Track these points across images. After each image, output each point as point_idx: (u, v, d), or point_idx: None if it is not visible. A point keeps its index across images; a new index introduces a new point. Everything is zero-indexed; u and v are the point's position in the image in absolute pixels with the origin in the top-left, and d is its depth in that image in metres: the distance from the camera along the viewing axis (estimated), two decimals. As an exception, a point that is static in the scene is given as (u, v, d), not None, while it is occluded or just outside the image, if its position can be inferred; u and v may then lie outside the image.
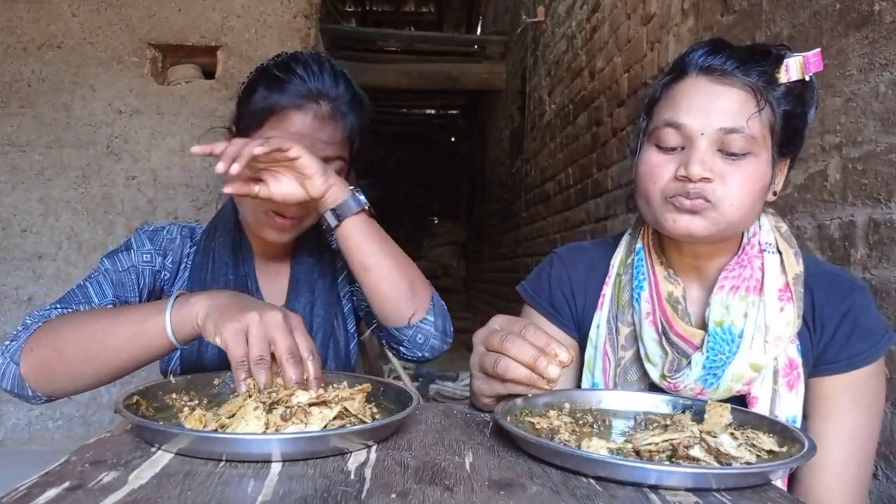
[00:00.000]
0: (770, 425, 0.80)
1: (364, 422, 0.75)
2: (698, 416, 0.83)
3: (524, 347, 0.77)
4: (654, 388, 0.98)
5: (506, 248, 6.72)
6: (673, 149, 0.93)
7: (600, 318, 1.05)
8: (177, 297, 0.91)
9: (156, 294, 1.16)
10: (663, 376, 0.95)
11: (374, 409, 0.82)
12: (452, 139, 11.85)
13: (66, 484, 0.56)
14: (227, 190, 0.95)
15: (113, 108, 3.04)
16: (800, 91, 0.92)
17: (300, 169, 0.95)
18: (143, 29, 3.03)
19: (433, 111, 10.83)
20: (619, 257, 1.08)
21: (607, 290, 1.06)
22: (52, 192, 3.02)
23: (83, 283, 1.10)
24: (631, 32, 3.09)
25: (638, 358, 1.00)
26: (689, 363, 0.94)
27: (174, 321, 0.89)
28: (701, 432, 0.77)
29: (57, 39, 3.00)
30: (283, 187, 0.96)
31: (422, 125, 11.34)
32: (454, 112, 10.65)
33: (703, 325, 0.96)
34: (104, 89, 3.03)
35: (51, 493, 0.55)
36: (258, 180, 0.96)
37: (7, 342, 0.98)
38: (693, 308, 0.99)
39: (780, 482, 0.92)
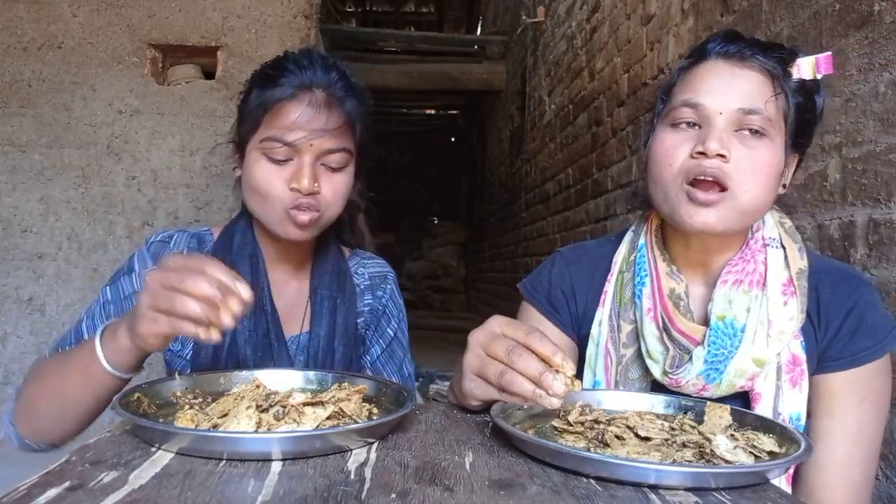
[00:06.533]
0: (769, 426, 0.80)
1: (356, 422, 0.75)
2: (699, 418, 0.84)
3: (531, 362, 0.72)
4: (656, 385, 0.98)
5: (506, 248, 6.72)
6: (690, 125, 0.92)
7: (602, 314, 1.05)
8: (102, 332, 0.86)
9: None
10: (665, 373, 0.95)
11: (375, 410, 0.83)
12: (452, 139, 11.85)
13: (66, 484, 0.56)
14: None
15: (113, 108, 3.04)
16: (811, 88, 0.93)
17: None
18: (144, 29, 3.03)
19: (433, 111, 10.82)
20: (621, 255, 1.07)
21: (609, 287, 1.06)
22: (52, 192, 3.02)
23: (80, 319, 1.08)
24: (631, 33, 3.09)
25: (639, 356, 1.00)
26: (691, 358, 0.93)
27: (113, 362, 0.84)
28: (700, 434, 0.77)
29: (57, 39, 3.00)
30: None
31: (422, 125, 11.33)
32: (454, 112, 10.64)
33: (706, 322, 0.95)
34: (104, 89, 3.03)
35: (51, 493, 0.54)
36: None
37: (6, 403, 0.98)
38: (695, 305, 0.99)
39: (783, 481, 0.92)
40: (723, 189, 0.89)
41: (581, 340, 1.09)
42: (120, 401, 0.74)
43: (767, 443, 0.75)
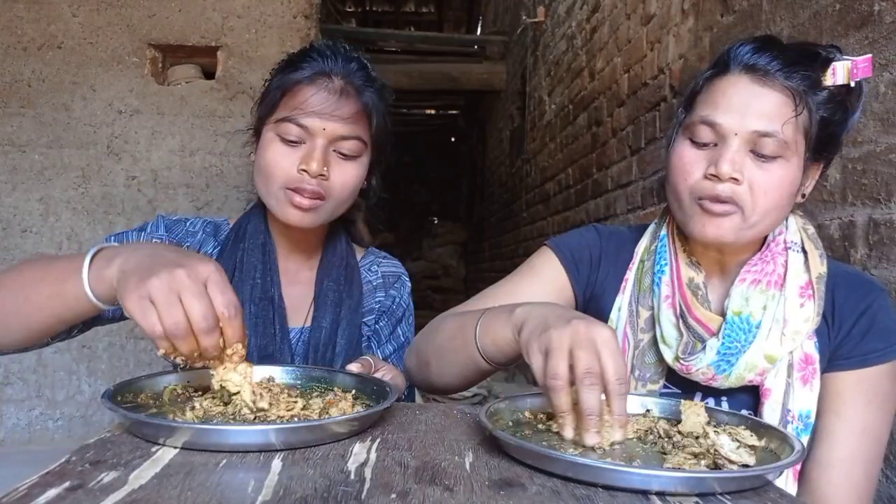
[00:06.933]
0: (742, 420, 0.81)
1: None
2: (670, 417, 0.84)
3: (593, 395, 0.70)
4: (670, 372, 1.00)
5: (506, 248, 6.71)
6: (706, 144, 0.94)
7: (622, 301, 1.07)
8: (97, 252, 0.81)
9: None
10: (677, 358, 0.97)
11: (368, 403, 0.85)
12: (452, 139, 11.85)
13: (66, 484, 0.56)
14: None
15: (113, 108, 3.04)
16: (843, 97, 0.92)
17: None
18: (144, 29, 3.03)
19: (433, 111, 10.82)
20: (643, 245, 1.09)
21: (630, 275, 1.08)
22: (52, 192, 3.02)
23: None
24: (631, 33, 3.09)
25: (655, 342, 1.02)
26: (704, 347, 0.95)
27: (93, 284, 0.79)
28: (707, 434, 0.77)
29: (57, 39, 3.00)
30: None
31: (422, 125, 11.32)
32: (454, 112, 10.64)
33: (722, 314, 0.98)
34: (104, 89, 3.03)
35: (51, 493, 0.54)
36: None
37: None
38: (713, 296, 1.01)
39: (790, 477, 0.93)
40: (738, 206, 0.91)
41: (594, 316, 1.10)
42: (109, 392, 0.75)
43: (748, 437, 0.75)
